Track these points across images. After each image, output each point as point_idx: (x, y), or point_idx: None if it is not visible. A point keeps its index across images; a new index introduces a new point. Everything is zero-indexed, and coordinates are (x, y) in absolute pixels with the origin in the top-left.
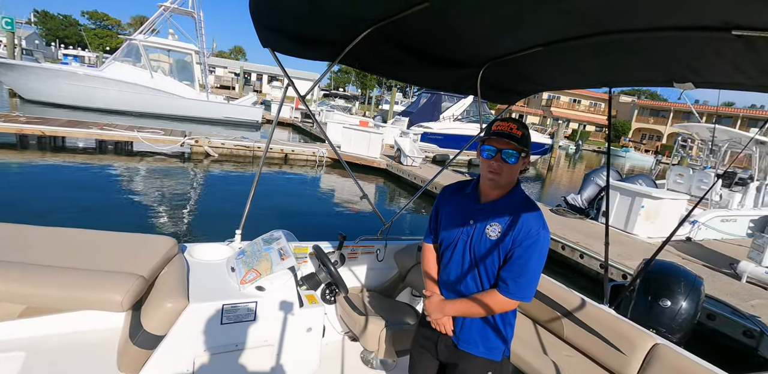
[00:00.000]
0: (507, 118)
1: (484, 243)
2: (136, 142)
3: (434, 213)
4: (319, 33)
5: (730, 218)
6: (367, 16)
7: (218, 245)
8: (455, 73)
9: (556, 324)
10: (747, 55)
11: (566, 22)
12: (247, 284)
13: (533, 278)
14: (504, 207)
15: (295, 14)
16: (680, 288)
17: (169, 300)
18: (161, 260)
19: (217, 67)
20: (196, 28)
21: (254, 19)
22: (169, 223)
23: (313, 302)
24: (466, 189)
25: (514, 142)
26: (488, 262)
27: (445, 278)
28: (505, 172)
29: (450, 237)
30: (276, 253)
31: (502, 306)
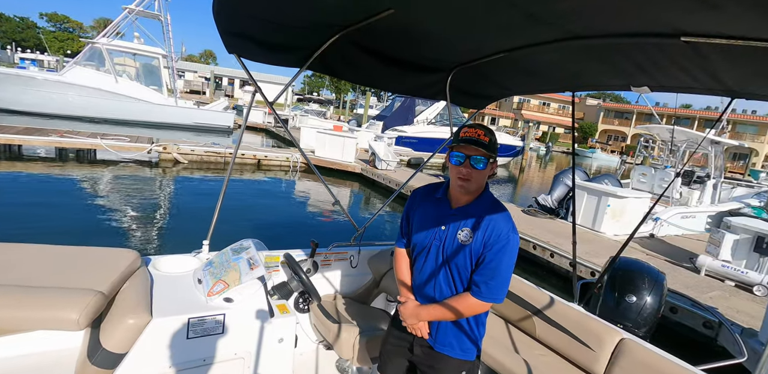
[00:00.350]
0: (474, 124)
1: (456, 248)
2: (99, 150)
3: (405, 217)
4: (285, 39)
5: (689, 214)
6: (333, 23)
7: (185, 257)
8: (425, 79)
9: (528, 324)
10: (695, 60)
11: (528, 29)
12: (214, 296)
13: (504, 280)
14: (474, 212)
15: (261, 20)
16: (644, 284)
17: (130, 315)
18: (122, 274)
19: (186, 71)
20: (163, 32)
21: (218, 24)
22: (133, 235)
23: (285, 312)
24: (437, 194)
25: (482, 148)
26: (461, 266)
27: (419, 283)
28: (474, 178)
29: (423, 243)
30: (245, 263)
31: (475, 309)
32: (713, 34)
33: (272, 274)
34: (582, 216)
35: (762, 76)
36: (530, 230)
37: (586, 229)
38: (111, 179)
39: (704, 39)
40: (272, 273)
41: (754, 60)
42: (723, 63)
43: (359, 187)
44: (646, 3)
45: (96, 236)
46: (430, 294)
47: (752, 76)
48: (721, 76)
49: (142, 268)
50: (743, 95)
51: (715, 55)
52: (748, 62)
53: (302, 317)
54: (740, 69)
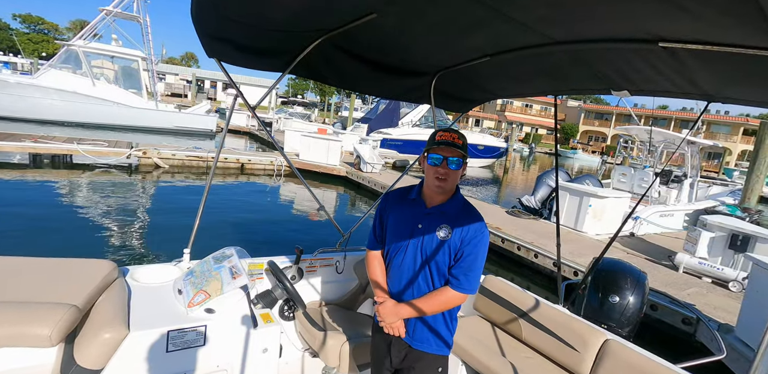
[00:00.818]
0: (448, 129)
1: (435, 245)
2: (76, 155)
3: (378, 221)
4: (267, 43)
5: (667, 213)
6: (315, 27)
7: (165, 266)
8: (409, 83)
9: (515, 327)
10: (673, 65)
11: (510, 34)
12: (195, 307)
13: (479, 272)
14: (450, 211)
15: (241, 23)
16: (627, 284)
17: (105, 329)
18: (98, 286)
19: (167, 74)
20: (143, 34)
21: (197, 27)
22: (111, 244)
23: (269, 321)
24: (410, 196)
25: (458, 150)
26: (439, 262)
27: (396, 283)
28: (450, 178)
29: (400, 242)
30: (227, 272)
31: (454, 301)
32: (690, 40)
33: (256, 282)
34: (564, 216)
35: (736, 82)
36: (514, 231)
37: (568, 229)
38: (88, 185)
39: (681, 45)
40: (256, 281)
41: (728, 65)
42: (699, 68)
43: (344, 190)
44: (625, 10)
45: (71, 246)
46: (407, 292)
47: (727, 81)
48: (697, 81)
49: (119, 279)
50: (719, 99)
51: (691, 61)
52: (723, 67)
53: (287, 325)
54: (716, 74)
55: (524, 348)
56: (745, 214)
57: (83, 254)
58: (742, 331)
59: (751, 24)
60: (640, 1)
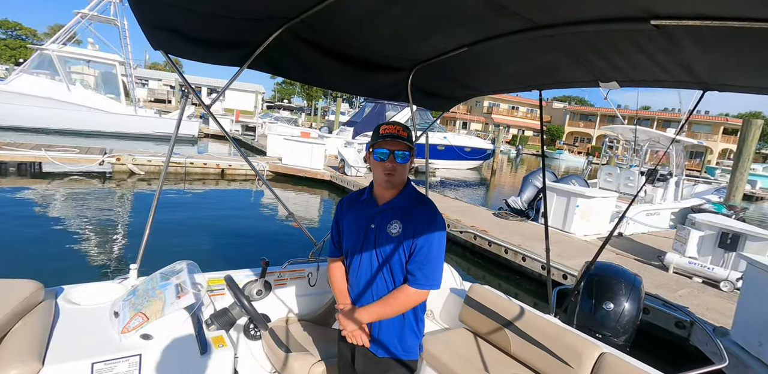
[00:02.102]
0: (391, 122)
1: (388, 242)
2: (46, 163)
3: (335, 227)
4: (219, 33)
5: (654, 212)
6: (273, 14)
7: (107, 284)
8: (383, 78)
9: (503, 339)
10: (666, 47)
11: (488, 19)
12: (130, 332)
13: (437, 265)
14: (400, 205)
15: (187, 10)
16: (621, 290)
17: (13, 365)
18: (15, 311)
19: (150, 79)
20: (120, 37)
21: (137, 14)
22: (55, 259)
23: (221, 345)
24: (362, 197)
25: (404, 142)
26: (395, 259)
27: (356, 286)
28: (398, 171)
29: (355, 245)
30: (172, 290)
31: (414, 299)
32: (686, 14)
33: (214, 299)
34: (552, 217)
35: (734, 65)
36: (501, 233)
37: (556, 230)
38: (52, 195)
39: (676, 21)
40: (214, 298)
41: (729, 44)
42: (695, 50)
43: (329, 194)
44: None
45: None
46: (368, 296)
47: (725, 64)
48: (692, 66)
49: (45, 302)
50: (715, 87)
51: (687, 41)
52: (723, 47)
53: (254, 345)
54: (713, 56)
55: (513, 363)
56: (731, 212)
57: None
58: (738, 335)
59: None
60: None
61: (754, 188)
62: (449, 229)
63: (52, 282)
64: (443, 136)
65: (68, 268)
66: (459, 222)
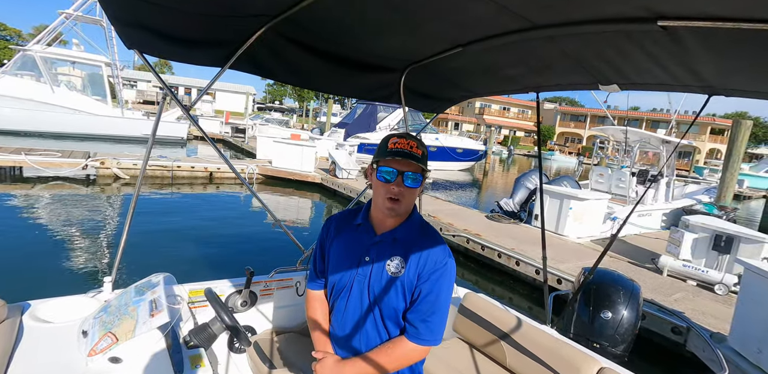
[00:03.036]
0: (403, 134)
1: (385, 283)
2: (27, 167)
3: (318, 252)
4: (197, 31)
5: (645, 213)
6: (255, 12)
7: (78, 299)
8: (374, 79)
9: (498, 351)
10: (672, 50)
11: (484, 18)
12: (97, 355)
13: (444, 316)
14: (403, 237)
15: (161, 7)
16: (620, 298)
17: None
18: None
19: (139, 80)
20: (107, 38)
21: (107, 11)
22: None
23: (199, 365)
24: (356, 220)
25: (417, 163)
26: (392, 304)
27: (340, 332)
28: (406, 197)
29: (343, 281)
30: (145, 307)
31: (412, 357)
32: (694, 15)
33: (195, 311)
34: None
35: (744, 68)
36: (495, 237)
37: (549, 233)
38: (29, 201)
39: (684, 22)
40: (196, 310)
41: (738, 47)
42: (703, 53)
43: (320, 197)
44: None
45: None
46: (354, 345)
47: (734, 67)
48: (699, 69)
49: (9, 321)
50: (722, 91)
51: (694, 43)
52: (732, 50)
53: (239, 358)
54: (721, 59)
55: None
56: (722, 212)
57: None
58: (735, 341)
59: None
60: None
61: (741, 187)
62: (442, 233)
63: (18, 297)
64: (435, 137)
65: (36, 281)
66: (451, 226)
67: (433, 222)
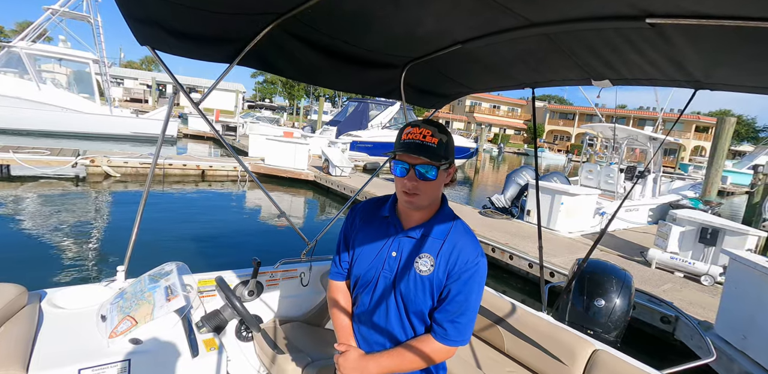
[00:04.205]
0: (419, 122)
1: (413, 281)
2: (15, 166)
3: (343, 242)
4: (208, 29)
5: (633, 208)
6: (263, 9)
7: (93, 287)
8: (376, 75)
9: (496, 337)
10: (660, 46)
11: (482, 17)
12: (118, 337)
13: (473, 317)
14: (434, 233)
15: (175, 4)
16: (612, 287)
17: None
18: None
19: (126, 78)
20: (94, 35)
21: (121, 7)
22: (38, 262)
23: (212, 348)
24: (383, 212)
25: (429, 154)
26: (419, 304)
27: (364, 327)
28: (423, 191)
29: (368, 276)
30: (161, 293)
31: (439, 356)
32: (683, 13)
33: (204, 301)
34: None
35: (726, 63)
36: (488, 232)
37: (542, 228)
38: (26, 198)
39: (672, 20)
40: (205, 299)
41: (722, 43)
42: (689, 48)
43: (313, 195)
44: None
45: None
46: (378, 341)
47: (718, 62)
48: (685, 64)
49: (29, 306)
50: (707, 86)
51: (681, 39)
52: (716, 46)
53: (246, 346)
54: (706, 55)
55: (507, 362)
56: (708, 207)
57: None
58: (722, 329)
59: None
60: None
61: (725, 184)
62: None
63: (36, 286)
64: None
65: (51, 272)
66: None
67: None
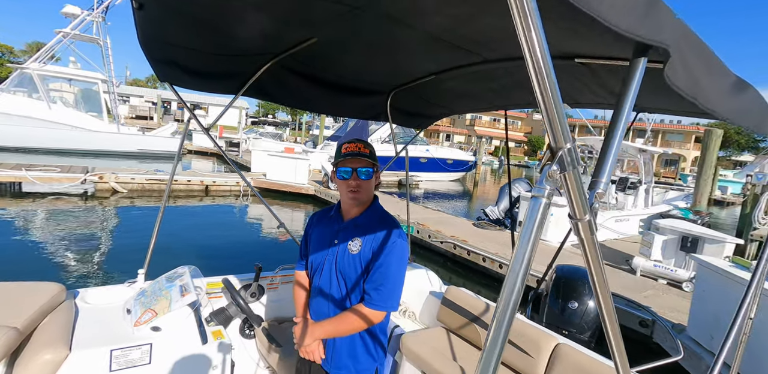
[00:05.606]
0: (353, 140)
1: (348, 260)
2: (26, 183)
3: (304, 241)
4: (216, 67)
5: (623, 218)
6: (261, 51)
7: (117, 287)
8: (364, 101)
9: (475, 335)
10: (593, 78)
11: (447, 54)
12: (141, 325)
13: (395, 286)
14: (364, 223)
15: (189, 50)
16: (585, 290)
17: (46, 350)
18: (42, 308)
19: (131, 96)
20: (103, 56)
21: (146, 53)
22: (64, 269)
23: (219, 337)
24: (330, 213)
25: (366, 159)
26: (353, 277)
27: (315, 303)
28: (363, 188)
29: (318, 261)
30: (177, 290)
31: (368, 319)
32: (599, 55)
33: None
34: None
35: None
36: (480, 243)
37: None
38: (39, 213)
39: (592, 60)
40: (212, 300)
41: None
42: (614, 81)
43: (313, 208)
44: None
45: (21, 272)
46: (324, 311)
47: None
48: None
49: (67, 302)
50: (644, 109)
51: (605, 74)
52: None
53: (249, 343)
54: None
55: None
56: (697, 217)
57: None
58: (693, 330)
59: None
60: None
61: (725, 194)
62: (430, 240)
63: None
64: (426, 149)
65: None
66: (439, 233)
67: (422, 230)
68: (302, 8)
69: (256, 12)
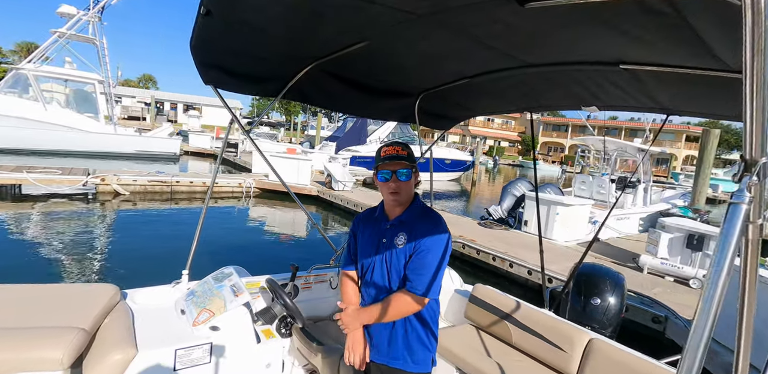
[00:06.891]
0: (391, 142)
1: (395, 253)
2: (26, 185)
3: (351, 241)
4: (261, 71)
5: (624, 216)
6: (309, 55)
7: (163, 288)
8: (394, 103)
9: (504, 332)
10: (634, 83)
11: (488, 59)
12: (200, 325)
13: (435, 272)
14: (408, 220)
15: (238, 53)
16: (606, 287)
17: (115, 351)
18: (102, 309)
19: (123, 96)
20: (99, 56)
21: (196, 57)
22: (82, 271)
23: (271, 337)
24: (375, 214)
25: (405, 161)
26: (400, 268)
27: (367, 297)
28: (403, 189)
29: (368, 259)
30: (229, 290)
31: (410, 304)
32: (645, 62)
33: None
34: (533, 225)
35: (687, 97)
36: (488, 242)
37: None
38: (39, 217)
39: (639, 66)
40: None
41: (679, 83)
42: (656, 86)
43: (316, 209)
44: (589, 39)
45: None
46: (373, 295)
47: (680, 96)
48: (656, 97)
49: (122, 302)
50: (676, 112)
51: (648, 80)
52: (676, 85)
53: (285, 342)
54: (670, 91)
55: (514, 352)
56: (696, 215)
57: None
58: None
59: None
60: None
61: (716, 192)
62: None
63: None
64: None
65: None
66: None
67: None
68: (363, 15)
69: (319, 19)
